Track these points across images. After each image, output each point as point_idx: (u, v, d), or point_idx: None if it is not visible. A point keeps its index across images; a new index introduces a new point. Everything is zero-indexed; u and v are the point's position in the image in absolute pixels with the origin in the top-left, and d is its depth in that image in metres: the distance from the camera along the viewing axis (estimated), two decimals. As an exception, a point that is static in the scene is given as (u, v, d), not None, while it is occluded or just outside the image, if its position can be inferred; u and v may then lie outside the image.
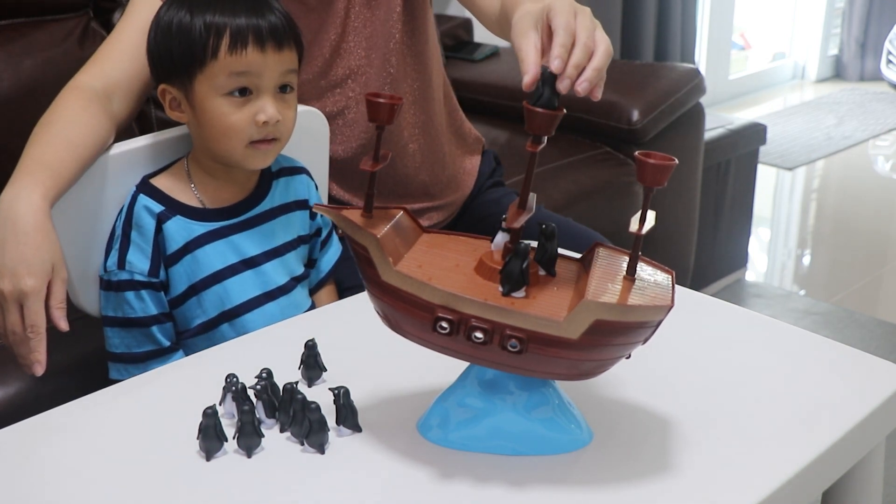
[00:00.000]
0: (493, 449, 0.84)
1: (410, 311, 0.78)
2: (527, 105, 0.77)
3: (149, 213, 1.13)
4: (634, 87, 2.24)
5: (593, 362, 0.79)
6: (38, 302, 0.97)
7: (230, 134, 1.09)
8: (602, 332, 0.75)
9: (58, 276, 1.00)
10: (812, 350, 1.04)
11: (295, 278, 1.23)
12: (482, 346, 0.77)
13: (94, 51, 1.23)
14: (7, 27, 1.74)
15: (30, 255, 0.97)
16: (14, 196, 1.00)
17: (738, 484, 0.80)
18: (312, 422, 0.84)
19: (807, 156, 3.87)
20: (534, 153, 0.78)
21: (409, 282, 0.77)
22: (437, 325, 0.77)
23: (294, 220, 1.23)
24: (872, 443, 0.94)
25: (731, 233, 2.68)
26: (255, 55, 1.07)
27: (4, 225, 0.99)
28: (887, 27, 5.00)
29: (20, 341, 0.98)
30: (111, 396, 0.97)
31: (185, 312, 1.16)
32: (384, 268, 0.78)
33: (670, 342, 1.02)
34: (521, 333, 0.75)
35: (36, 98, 1.70)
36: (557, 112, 0.77)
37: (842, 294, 2.73)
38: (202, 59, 1.07)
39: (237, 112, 1.09)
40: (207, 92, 1.08)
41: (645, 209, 0.75)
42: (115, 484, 0.81)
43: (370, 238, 0.79)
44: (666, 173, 0.73)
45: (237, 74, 1.07)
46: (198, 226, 1.14)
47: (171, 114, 1.14)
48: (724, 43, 4.57)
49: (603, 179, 2.10)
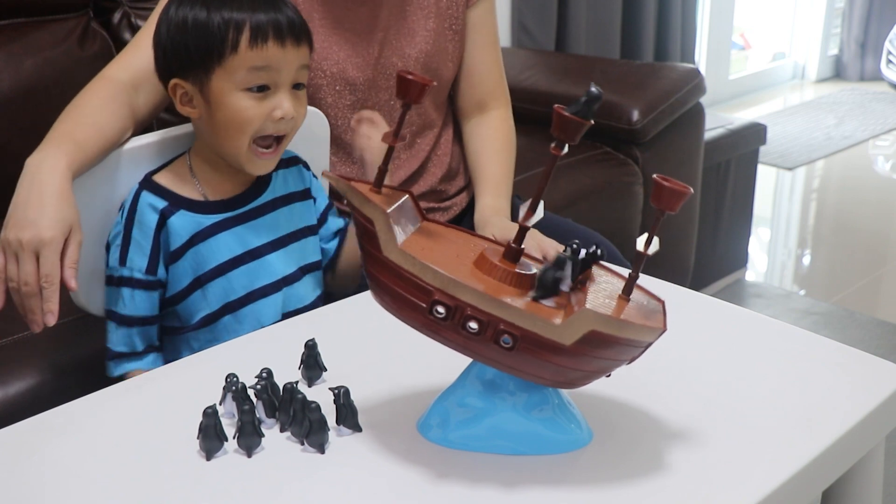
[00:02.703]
0: (492, 449, 0.84)
1: (408, 290, 0.77)
2: (559, 109, 0.76)
3: (152, 209, 1.13)
4: (634, 87, 2.24)
5: (579, 372, 0.78)
6: (55, 254, 1.01)
7: (246, 129, 1.10)
8: (594, 344, 0.75)
9: (74, 237, 1.03)
10: (812, 350, 1.04)
11: (303, 268, 1.22)
12: (474, 337, 0.76)
13: (95, 51, 1.23)
14: (7, 27, 1.74)
15: (50, 211, 1.02)
16: (41, 160, 1.05)
17: (738, 484, 0.80)
18: (312, 422, 0.84)
19: (807, 156, 3.87)
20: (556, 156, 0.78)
21: (411, 261, 0.77)
22: (434, 309, 0.76)
23: (296, 210, 1.23)
24: (872, 443, 0.94)
25: (731, 233, 2.68)
26: (275, 49, 1.08)
27: (30, 185, 1.03)
28: (887, 27, 5.00)
29: (31, 293, 1.00)
30: (111, 396, 0.97)
31: (189, 306, 1.17)
32: (388, 243, 0.78)
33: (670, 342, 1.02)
34: (515, 330, 0.75)
35: (36, 98, 1.71)
36: (586, 122, 0.77)
37: (842, 294, 2.73)
38: (221, 54, 1.07)
39: (255, 107, 1.09)
40: (225, 87, 1.09)
41: (653, 231, 0.75)
42: (115, 484, 0.81)
43: (378, 212, 0.78)
44: (680, 199, 0.74)
45: (257, 70, 1.08)
46: (202, 218, 1.15)
47: (182, 109, 1.14)
48: (724, 43, 4.57)
49: (603, 179, 2.10)
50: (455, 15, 1.45)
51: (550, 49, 3.10)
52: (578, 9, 3.16)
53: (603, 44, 3.32)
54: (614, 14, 3.33)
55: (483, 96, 1.51)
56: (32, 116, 1.69)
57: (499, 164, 1.47)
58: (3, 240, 1.02)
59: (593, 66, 2.46)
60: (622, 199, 2.14)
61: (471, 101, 1.51)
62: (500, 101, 1.53)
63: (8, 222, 1.02)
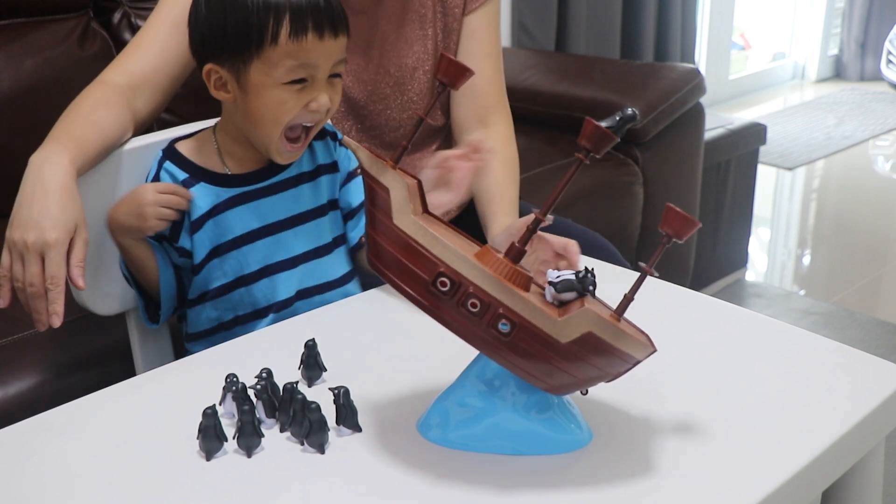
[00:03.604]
0: (492, 449, 0.84)
1: (413, 261, 0.77)
2: (591, 121, 0.76)
3: (173, 179, 1.14)
4: (634, 87, 2.24)
5: (566, 376, 0.78)
6: (60, 255, 1.00)
7: (280, 120, 1.08)
8: (588, 347, 0.75)
9: (80, 235, 1.03)
10: (812, 350, 1.04)
11: (324, 246, 1.21)
12: (472, 318, 0.76)
13: (95, 51, 1.23)
14: (7, 27, 1.75)
15: (56, 210, 1.01)
16: (44, 158, 1.05)
17: (738, 484, 0.80)
18: (312, 422, 0.84)
19: (807, 156, 3.87)
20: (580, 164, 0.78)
21: (422, 232, 0.76)
22: (437, 282, 0.76)
23: (323, 184, 1.21)
24: (872, 443, 0.94)
25: (731, 233, 2.68)
26: (314, 42, 1.05)
27: (34, 183, 1.03)
28: (887, 27, 5.00)
29: (37, 295, 1.00)
30: (111, 396, 0.97)
31: (205, 276, 1.16)
32: (401, 212, 0.77)
33: (670, 342, 1.02)
34: (514, 317, 0.75)
35: (36, 98, 1.71)
36: (615, 138, 0.77)
37: (842, 294, 2.73)
38: (260, 44, 1.05)
39: (293, 100, 1.08)
40: (265, 80, 1.06)
41: (658, 255, 0.76)
42: (115, 484, 0.81)
43: (399, 181, 0.78)
44: (690, 229, 0.74)
45: (297, 66, 1.06)
46: (222, 191, 1.14)
47: (216, 93, 1.11)
48: (724, 43, 4.57)
49: (603, 179, 2.10)
50: (452, 23, 1.43)
51: (550, 49, 3.10)
52: (578, 9, 3.16)
53: (603, 44, 3.32)
54: (614, 14, 3.33)
55: (482, 110, 1.44)
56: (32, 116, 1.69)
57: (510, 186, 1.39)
58: (8, 240, 1.02)
59: (593, 66, 2.46)
60: (622, 199, 2.14)
61: (470, 114, 1.45)
62: (501, 115, 1.46)
63: (13, 221, 1.02)
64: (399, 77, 1.41)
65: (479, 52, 1.43)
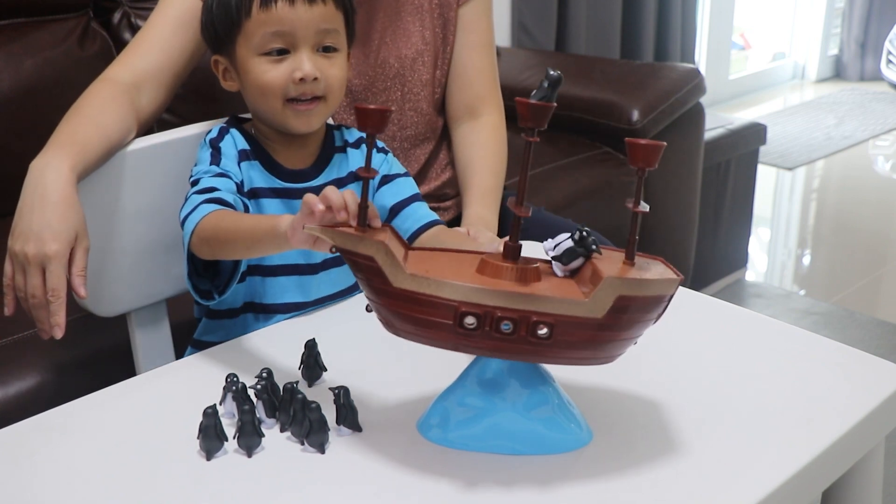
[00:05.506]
0: (492, 448, 0.84)
1: (430, 312, 0.76)
2: (521, 100, 0.77)
3: (234, 145, 1.13)
4: (634, 87, 2.24)
5: (615, 342, 0.79)
6: (61, 267, 1.00)
7: (267, 92, 1.10)
8: (624, 309, 0.76)
9: (80, 244, 1.03)
10: (812, 350, 1.04)
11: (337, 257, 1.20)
12: (509, 337, 0.76)
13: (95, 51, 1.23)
14: (7, 27, 1.75)
15: (55, 221, 1.01)
16: (44, 165, 1.04)
17: (737, 483, 0.80)
18: (312, 422, 0.84)
19: (807, 156, 3.87)
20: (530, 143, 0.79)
21: (425, 283, 0.76)
22: (463, 322, 0.75)
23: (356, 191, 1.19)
24: (872, 443, 0.94)
25: (731, 233, 2.68)
26: (285, 9, 1.07)
27: (34, 192, 1.02)
28: (887, 27, 5.00)
29: (39, 305, 1.00)
30: (111, 396, 0.97)
31: None
32: (396, 273, 0.76)
33: (670, 342, 1.02)
34: (548, 318, 0.75)
35: (36, 98, 1.71)
36: (551, 105, 0.78)
37: (842, 294, 2.73)
38: (238, 21, 1.09)
39: (274, 69, 1.09)
40: (247, 53, 1.10)
41: (639, 190, 0.77)
42: (115, 484, 0.81)
43: (377, 246, 0.77)
44: (656, 153, 0.76)
45: (272, 34, 1.08)
46: (271, 178, 1.14)
47: (226, 84, 1.15)
48: (724, 43, 4.57)
49: (603, 179, 2.10)
50: (447, 14, 1.45)
51: (550, 49, 3.10)
52: (578, 9, 3.17)
53: (603, 44, 3.33)
54: (614, 14, 3.34)
55: (473, 100, 1.47)
56: (32, 116, 1.69)
57: (489, 174, 1.43)
58: (9, 250, 1.02)
59: (593, 66, 2.46)
60: (622, 199, 2.13)
61: (461, 104, 1.48)
62: (492, 107, 1.48)
63: (14, 232, 1.02)
64: (399, 69, 1.42)
65: (472, 43, 1.47)
